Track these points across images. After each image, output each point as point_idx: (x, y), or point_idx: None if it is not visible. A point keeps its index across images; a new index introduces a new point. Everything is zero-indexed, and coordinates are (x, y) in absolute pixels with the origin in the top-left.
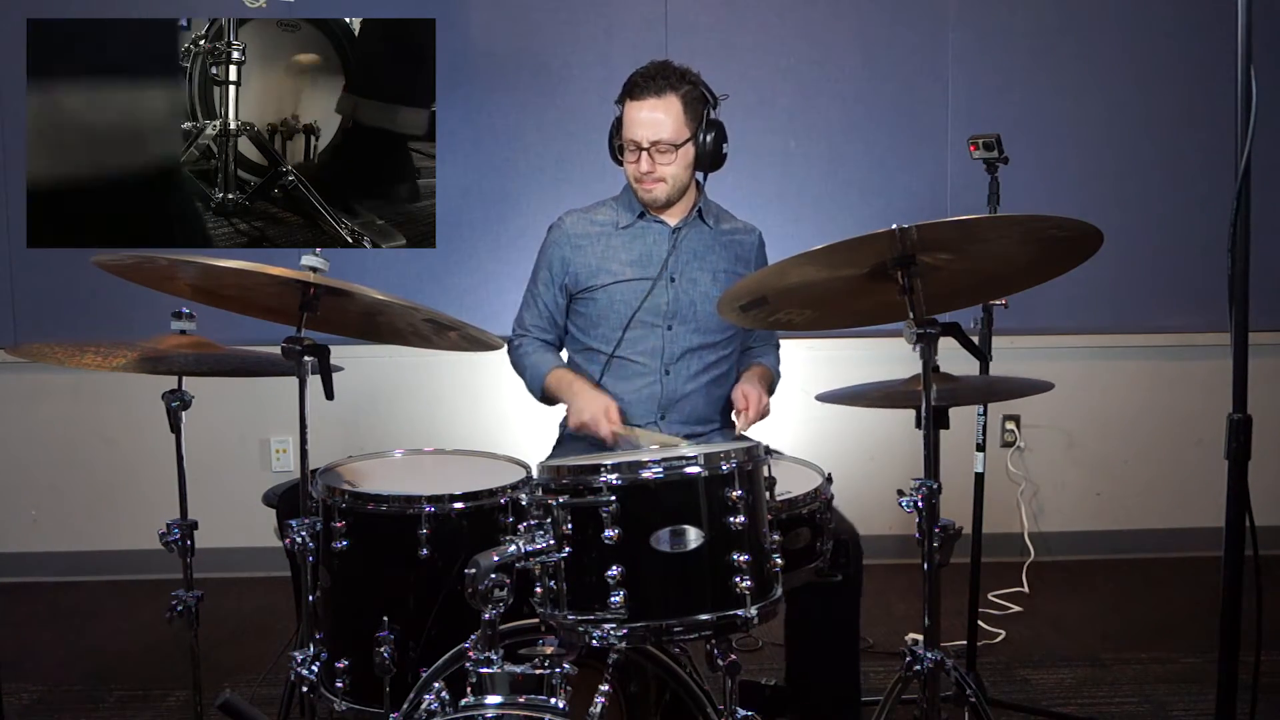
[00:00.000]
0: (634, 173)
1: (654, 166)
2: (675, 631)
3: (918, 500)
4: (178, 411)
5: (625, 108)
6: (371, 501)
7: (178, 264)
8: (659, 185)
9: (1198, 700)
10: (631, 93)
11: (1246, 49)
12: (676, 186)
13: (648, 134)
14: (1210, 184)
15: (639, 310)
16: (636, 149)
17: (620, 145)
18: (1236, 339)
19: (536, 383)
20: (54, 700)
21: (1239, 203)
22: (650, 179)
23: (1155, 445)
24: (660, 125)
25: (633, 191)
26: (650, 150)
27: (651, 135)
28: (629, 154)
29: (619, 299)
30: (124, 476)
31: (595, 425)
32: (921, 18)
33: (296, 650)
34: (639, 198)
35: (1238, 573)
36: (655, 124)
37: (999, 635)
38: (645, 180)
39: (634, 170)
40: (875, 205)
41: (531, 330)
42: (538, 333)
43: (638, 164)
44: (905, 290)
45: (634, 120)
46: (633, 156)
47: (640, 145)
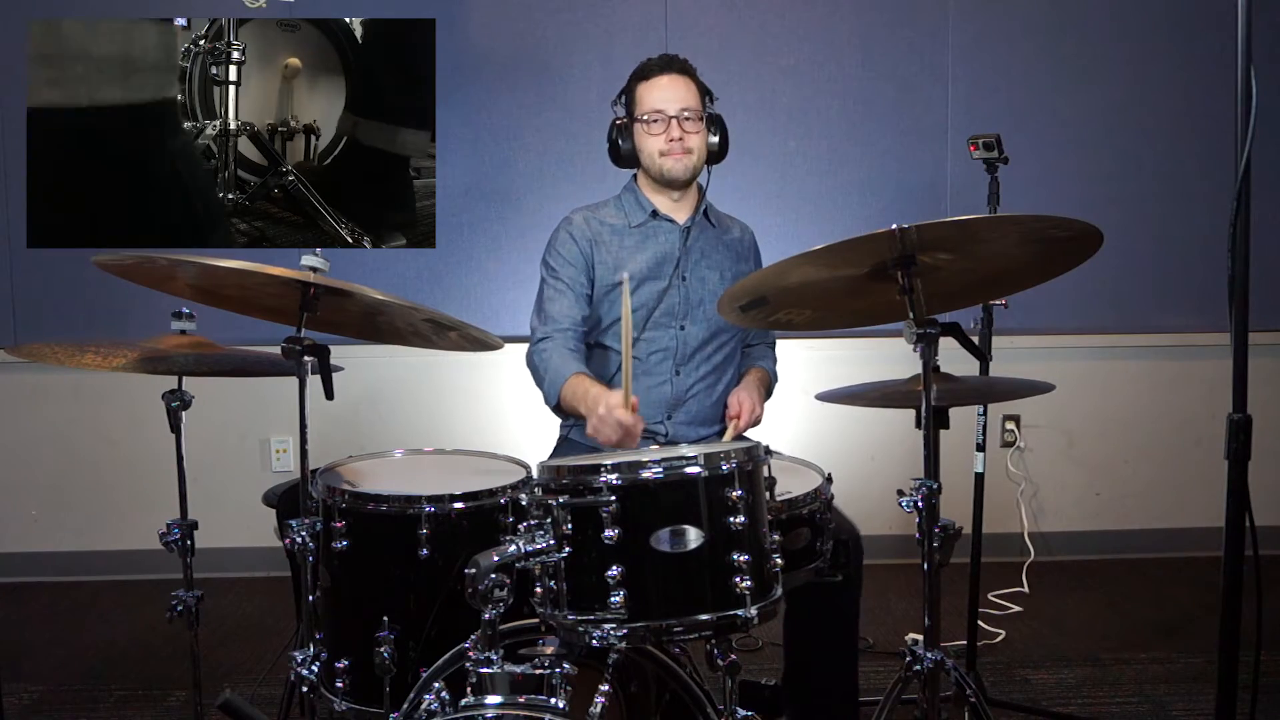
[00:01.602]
0: (661, 145)
1: (684, 134)
2: (675, 631)
3: (918, 500)
4: (178, 411)
5: (641, 88)
6: (371, 501)
7: (178, 264)
8: (688, 156)
9: (1198, 700)
10: (645, 74)
11: (1246, 49)
12: (699, 162)
13: (675, 103)
14: (1210, 184)
15: (655, 311)
16: (664, 118)
17: (632, 130)
18: (1236, 339)
19: (554, 389)
20: (54, 700)
21: (1239, 203)
22: (680, 148)
23: (1155, 445)
24: (684, 95)
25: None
26: (678, 118)
27: (679, 103)
28: (653, 126)
29: (636, 300)
30: (124, 476)
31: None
32: (921, 18)
33: (296, 650)
34: (665, 173)
35: (1238, 573)
36: (679, 92)
37: (999, 635)
38: (675, 150)
39: (661, 142)
40: (875, 205)
41: (561, 321)
42: (568, 324)
43: (666, 133)
44: (905, 290)
45: (656, 95)
46: (659, 128)
47: (668, 114)
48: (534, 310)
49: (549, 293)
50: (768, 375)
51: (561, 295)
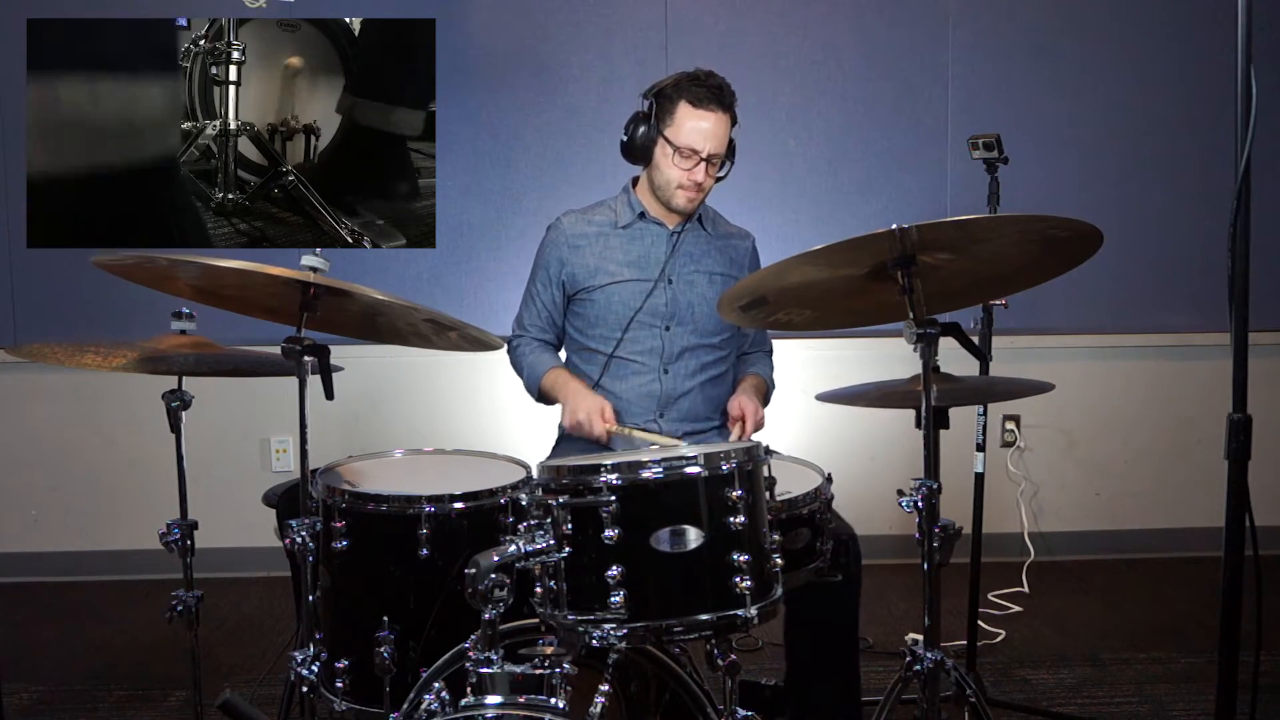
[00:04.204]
0: (684, 180)
1: (705, 178)
2: (675, 631)
3: (918, 500)
4: (178, 411)
5: (683, 111)
6: (371, 501)
7: (178, 264)
8: (700, 195)
9: (1198, 700)
10: (694, 99)
11: (1246, 49)
12: (705, 196)
13: (710, 146)
14: (1210, 184)
15: (639, 311)
16: (695, 157)
17: (656, 142)
18: (1236, 339)
19: (533, 383)
20: (54, 700)
21: (1239, 203)
22: (697, 188)
23: (1155, 445)
24: (720, 138)
25: (661, 195)
26: (708, 161)
27: (713, 147)
28: (681, 159)
29: (617, 300)
30: (124, 476)
31: (589, 425)
32: (921, 18)
33: (296, 650)
34: (674, 204)
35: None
36: (716, 136)
37: (999, 635)
38: (691, 189)
39: (684, 177)
40: (875, 205)
41: (530, 330)
42: (536, 332)
43: (691, 172)
44: (905, 290)
45: (698, 129)
46: (687, 164)
47: (700, 154)
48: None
49: (526, 298)
50: (764, 382)
51: (532, 303)
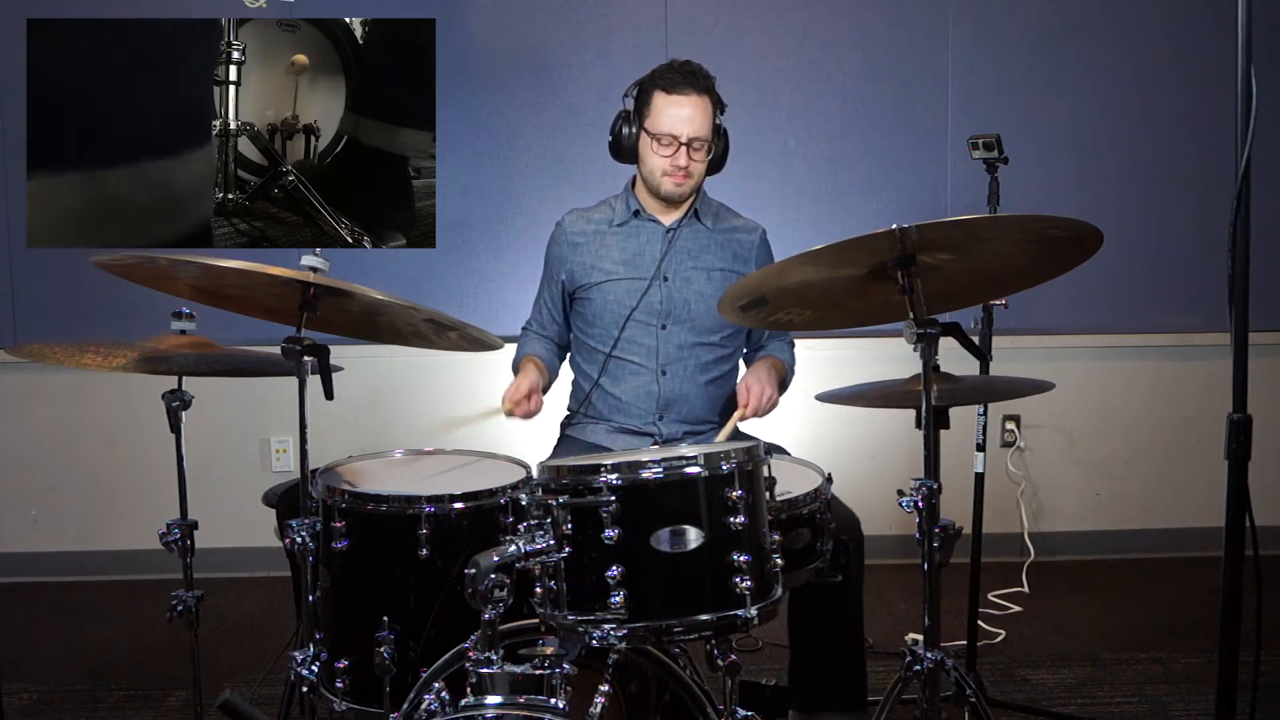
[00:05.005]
0: (667, 166)
1: (690, 162)
2: (675, 631)
3: (918, 500)
4: (178, 411)
5: (659, 100)
6: (371, 501)
7: (178, 264)
8: (687, 181)
9: (1198, 700)
10: (667, 86)
11: (1246, 49)
12: (698, 183)
13: (689, 129)
14: (1210, 184)
15: (634, 310)
16: (674, 143)
17: (639, 136)
18: (1236, 339)
19: (513, 369)
20: (54, 700)
21: (1239, 203)
22: (682, 174)
23: (1155, 445)
24: (700, 122)
25: (650, 186)
26: (688, 145)
27: (692, 131)
28: (661, 147)
29: (612, 298)
30: (124, 476)
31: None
32: (921, 18)
33: (296, 650)
34: (662, 192)
35: (1238, 573)
36: (695, 120)
37: (999, 635)
38: (677, 174)
39: (667, 164)
40: (875, 205)
41: (533, 325)
42: (537, 328)
43: (673, 158)
44: (905, 290)
45: (674, 114)
46: (667, 150)
47: (679, 140)
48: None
49: (537, 296)
50: (779, 362)
51: (538, 300)
